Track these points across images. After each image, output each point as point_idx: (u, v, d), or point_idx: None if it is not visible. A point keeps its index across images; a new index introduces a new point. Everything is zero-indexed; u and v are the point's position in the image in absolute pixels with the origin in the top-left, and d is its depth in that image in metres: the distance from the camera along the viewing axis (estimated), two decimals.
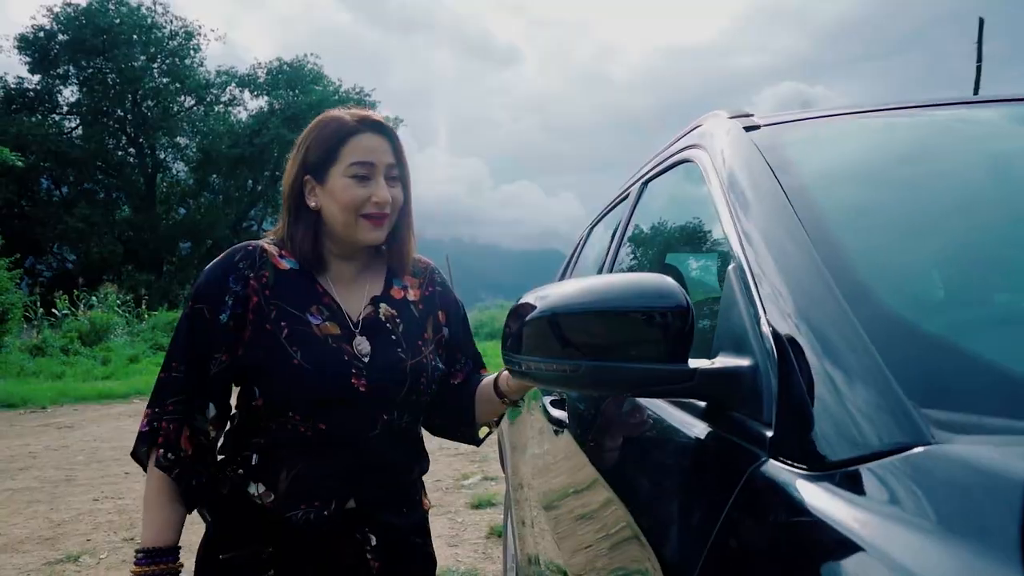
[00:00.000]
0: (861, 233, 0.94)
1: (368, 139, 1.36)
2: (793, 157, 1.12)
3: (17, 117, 30.93)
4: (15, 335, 15.42)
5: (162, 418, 1.31)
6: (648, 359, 0.84)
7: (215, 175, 35.38)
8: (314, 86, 36.29)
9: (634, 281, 0.88)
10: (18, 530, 4.48)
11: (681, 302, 0.83)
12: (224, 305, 1.33)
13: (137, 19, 32.86)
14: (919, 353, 0.71)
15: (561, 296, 0.90)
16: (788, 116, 1.35)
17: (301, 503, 1.33)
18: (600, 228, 2.54)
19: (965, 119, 1.31)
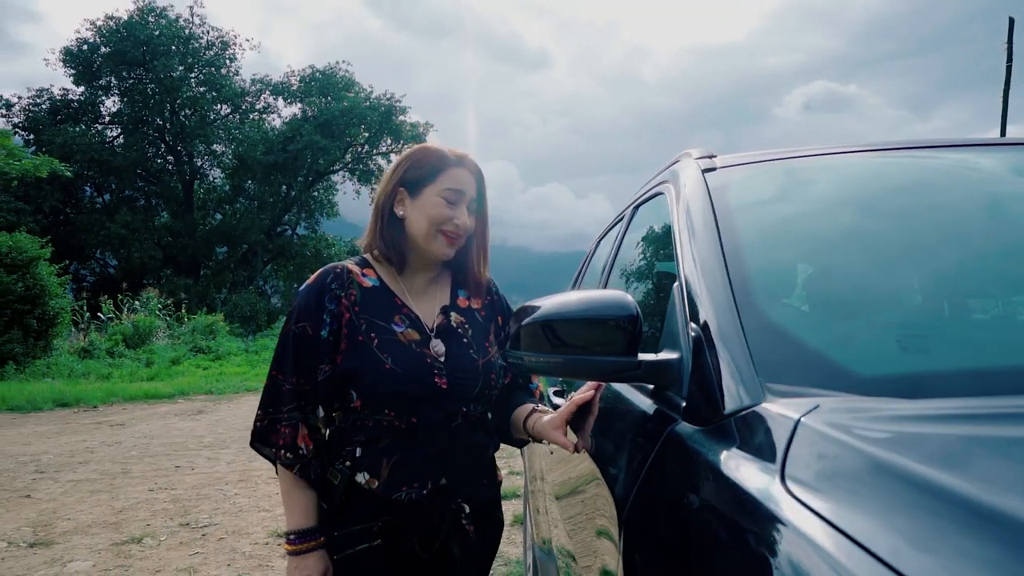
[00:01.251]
0: (763, 259, 1.25)
1: (464, 173, 1.65)
2: (733, 197, 1.44)
3: (62, 127, 31.97)
4: (64, 338, 16.12)
5: (278, 423, 1.56)
6: (609, 354, 1.17)
7: (250, 181, 36.15)
8: (346, 93, 36.89)
9: (600, 296, 1.21)
10: (84, 516, 4.90)
11: (632, 312, 1.16)
12: (323, 323, 1.56)
13: (175, 31, 33.76)
14: (771, 347, 1.02)
15: (548, 307, 1.24)
16: (745, 159, 1.66)
17: (402, 486, 1.56)
18: (605, 241, 2.87)
19: (888, 162, 1.61)
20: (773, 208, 1.47)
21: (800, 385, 0.92)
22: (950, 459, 0.71)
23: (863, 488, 0.68)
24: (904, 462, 0.68)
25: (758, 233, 1.33)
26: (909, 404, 0.84)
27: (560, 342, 1.21)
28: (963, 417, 0.81)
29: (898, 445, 0.73)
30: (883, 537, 0.60)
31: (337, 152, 36.48)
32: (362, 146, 38.48)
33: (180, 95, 34.03)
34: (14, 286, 14.19)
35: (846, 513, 0.65)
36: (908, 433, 0.76)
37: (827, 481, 0.72)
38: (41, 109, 32.80)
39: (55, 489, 5.67)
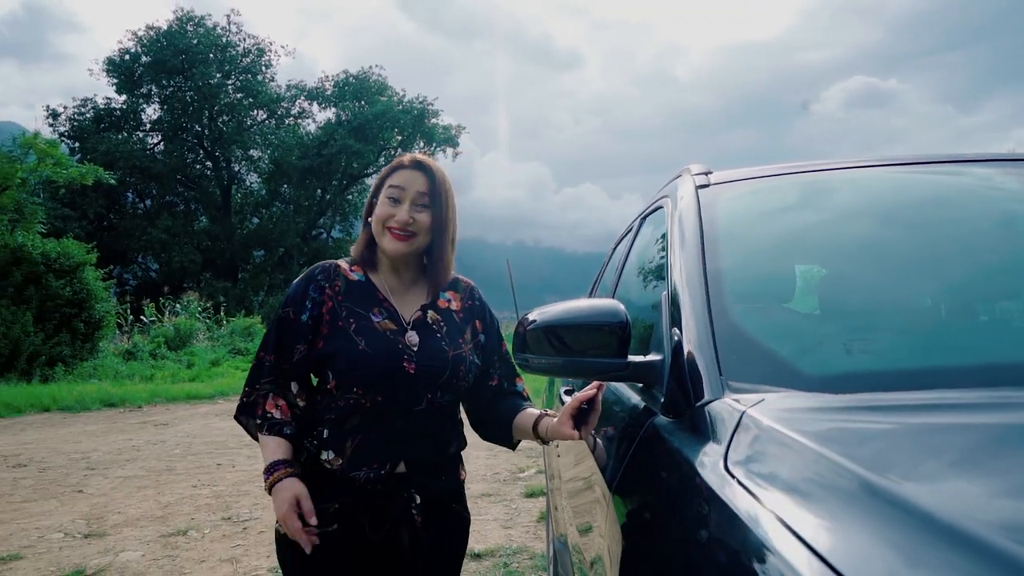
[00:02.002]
0: (740, 271, 1.40)
1: (407, 173, 1.77)
2: (721, 212, 1.58)
3: (106, 136, 32.86)
4: (109, 341, 16.65)
5: (256, 394, 1.76)
6: (602, 356, 1.33)
7: (286, 185, 36.76)
8: (379, 96, 37.32)
9: (595, 305, 1.37)
10: (132, 510, 5.17)
11: (622, 319, 1.32)
12: (304, 308, 1.75)
13: (213, 39, 34.48)
14: (736, 350, 1.17)
15: (549, 314, 1.40)
16: (739, 175, 1.80)
17: (363, 465, 1.69)
18: (619, 250, 3.02)
19: (867, 178, 1.74)
20: (756, 223, 1.62)
21: (757, 383, 1.07)
22: (862, 442, 0.85)
23: (789, 468, 0.83)
24: (822, 446, 0.82)
25: (739, 247, 1.47)
26: (841, 397, 0.99)
27: (561, 345, 1.37)
28: (884, 408, 0.95)
29: (821, 431, 0.88)
30: (799, 510, 0.74)
31: (371, 156, 36.93)
32: (395, 149, 38.88)
33: (218, 102, 34.76)
34: (62, 291, 14.72)
35: (772, 489, 0.80)
36: (832, 421, 0.91)
37: (759, 463, 0.87)
38: (85, 118, 33.73)
39: (105, 485, 5.97)
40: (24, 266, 14.54)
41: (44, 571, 3.87)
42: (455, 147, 39.52)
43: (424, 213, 1.77)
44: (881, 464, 0.76)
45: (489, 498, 5.46)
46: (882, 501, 0.69)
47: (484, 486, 5.84)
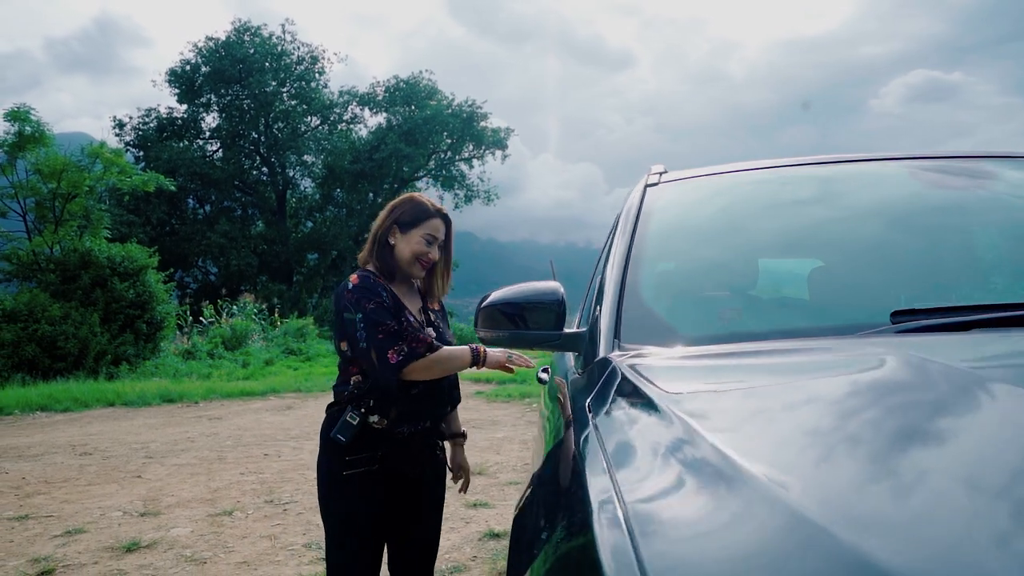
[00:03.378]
0: (657, 256, 1.64)
1: (439, 223, 2.39)
2: (657, 207, 1.83)
3: (168, 144, 34.16)
4: (170, 341, 17.44)
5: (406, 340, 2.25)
6: (543, 328, 1.59)
7: (339, 189, 37.64)
8: (428, 101, 37.93)
9: (538, 286, 1.63)
10: (185, 493, 5.59)
11: (559, 298, 1.58)
12: (383, 299, 2.24)
13: (268, 48, 35.55)
14: (633, 318, 1.42)
15: (502, 295, 1.66)
16: (688, 174, 2.04)
17: (404, 424, 2.29)
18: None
19: (793, 175, 1.95)
20: (681, 216, 1.86)
21: (646, 343, 1.32)
22: (680, 374, 1.10)
23: (621, 396, 1.08)
24: (649, 380, 1.06)
25: (661, 235, 1.72)
26: (696, 348, 1.24)
27: (512, 321, 1.64)
28: (716, 355, 1.20)
29: (656, 369, 1.13)
30: (616, 425, 0.99)
31: (421, 159, 37.55)
32: (445, 152, 39.47)
33: (273, 109, 35.80)
34: (126, 293, 15.50)
35: (604, 413, 1.05)
36: (671, 363, 1.16)
37: (606, 396, 1.12)
38: (149, 127, 35.14)
39: (161, 471, 6.42)
40: (91, 269, 15.36)
41: (104, 543, 4.27)
42: (504, 149, 39.92)
43: (439, 253, 2.43)
44: (688, 389, 1.01)
45: (515, 486, 5.73)
46: (676, 417, 0.93)
47: (513, 475, 6.11)
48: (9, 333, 13.70)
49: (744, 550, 0.54)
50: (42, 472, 6.39)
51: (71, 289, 15.13)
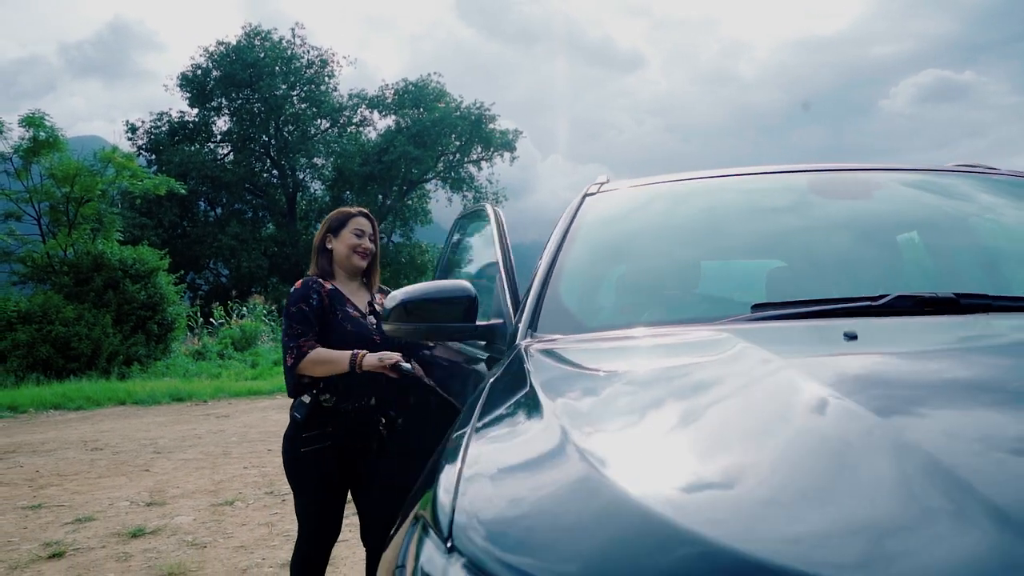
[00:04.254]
0: (578, 257, 1.86)
1: (362, 220, 2.89)
2: (589, 215, 2.04)
3: (180, 147, 34.58)
4: (180, 342, 17.76)
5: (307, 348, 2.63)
6: (455, 321, 1.78)
7: (348, 192, 37.93)
8: (437, 103, 38.18)
9: (450, 284, 1.83)
10: (190, 485, 5.85)
11: (471, 294, 1.78)
12: (311, 302, 2.67)
13: (278, 52, 35.91)
14: (549, 311, 1.63)
15: (416, 292, 1.84)
16: (626, 184, 2.26)
17: (348, 402, 2.66)
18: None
19: (718, 185, 2.16)
20: (606, 222, 2.07)
21: (555, 332, 1.53)
22: (566, 353, 1.32)
23: (515, 368, 1.30)
24: (542, 359, 1.28)
25: (582, 241, 1.93)
26: (591, 335, 1.46)
27: (423, 315, 1.79)
28: (605, 338, 1.42)
29: (550, 351, 1.35)
30: (505, 393, 1.21)
31: (430, 161, 37.81)
32: (454, 155, 39.72)
33: (283, 112, 36.15)
34: (138, 294, 15.83)
35: (500, 385, 1.27)
36: (564, 346, 1.38)
37: (511, 373, 1.34)
38: (161, 131, 35.57)
39: (168, 465, 6.69)
40: (104, 272, 15.69)
41: (111, 529, 4.53)
42: (512, 151, 40.12)
43: (371, 244, 2.90)
44: (570, 366, 1.23)
45: None
46: (546, 386, 1.16)
47: None
48: (24, 334, 14.04)
49: (546, 488, 0.76)
50: (55, 466, 6.67)
51: (84, 291, 15.46)
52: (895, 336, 1.14)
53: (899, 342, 1.12)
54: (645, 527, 0.61)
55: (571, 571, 0.59)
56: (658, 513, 0.61)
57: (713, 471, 0.70)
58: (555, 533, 0.64)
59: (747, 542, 0.56)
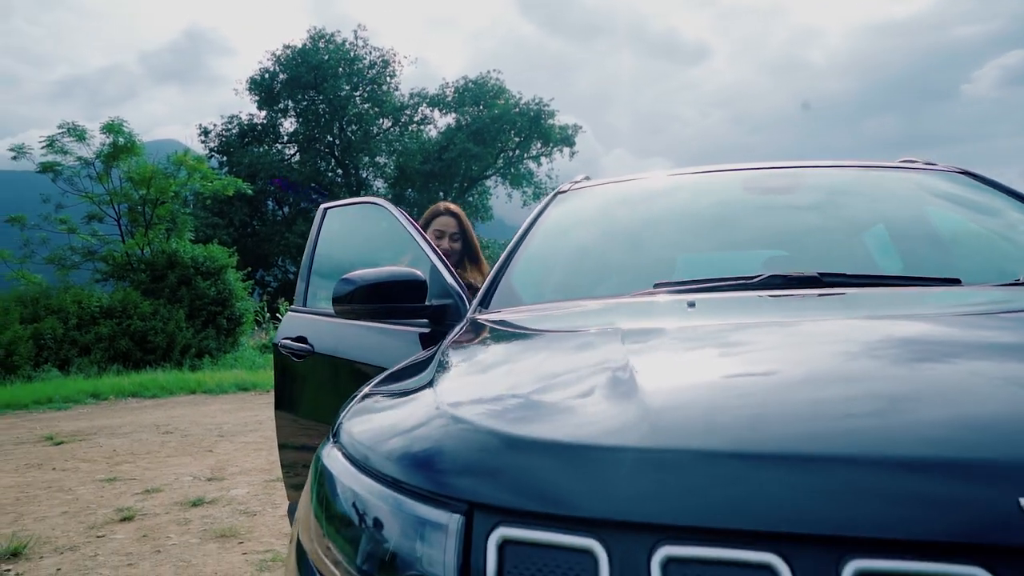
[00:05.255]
0: (537, 248, 2.14)
1: (445, 219, 3.08)
2: (555, 211, 2.32)
3: (249, 149, 35.92)
4: (248, 335, 18.62)
5: None
6: (412, 302, 2.07)
7: (410, 189, 38.73)
8: (496, 100, 38.61)
9: (398, 269, 2.12)
10: (247, 464, 6.35)
11: (420, 279, 2.05)
12: None
13: (342, 54, 36.90)
14: (501, 291, 1.92)
15: (372, 276, 2.11)
16: (596, 183, 2.53)
17: None
18: None
19: (676, 183, 2.42)
20: (566, 217, 2.33)
21: (504, 307, 1.83)
22: (514, 322, 1.62)
23: (462, 337, 1.60)
24: (479, 327, 1.59)
25: (543, 233, 2.21)
26: (529, 306, 1.74)
27: (378, 298, 2.05)
28: (539, 308, 1.70)
29: (488, 321, 1.64)
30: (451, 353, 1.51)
31: (489, 158, 38.29)
32: (513, 151, 40.10)
33: (347, 112, 37.16)
34: (208, 291, 16.70)
35: (449, 349, 1.58)
36: (500, 316, 1.68)
37: (459, 341, 1.64)
38: (232, 133, 36.99)
39: (230, 447, 7.22)
40: (177, 269, 16.61)
41: (175, 499, 5.03)
42: (571, 146, 40.27)
43: (456, 243, 3.13)
44: (503, 326, 1.53)
45: None
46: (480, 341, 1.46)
47: None
48: (106, 328, 15.01)
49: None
50: (130, 446, 7.28)
51: (159, 287, 16.40)
52: (726, 306, 1.40)
53: (725, 309, 1.38)
54: (453, 430, 0.90)
55: (385, 453, 0.90)
56: (463, 421, 0.91)
57: (516, 399, 1.00)
58: (391, 432, 0.95)
59: (530, 433, 0.85)
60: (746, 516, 0.65)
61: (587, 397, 0.91)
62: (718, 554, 0.64)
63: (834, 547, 0.61)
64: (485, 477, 0.77)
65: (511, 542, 0.71)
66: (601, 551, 0.67)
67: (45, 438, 7.74)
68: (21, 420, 9.28)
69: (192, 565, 3.60)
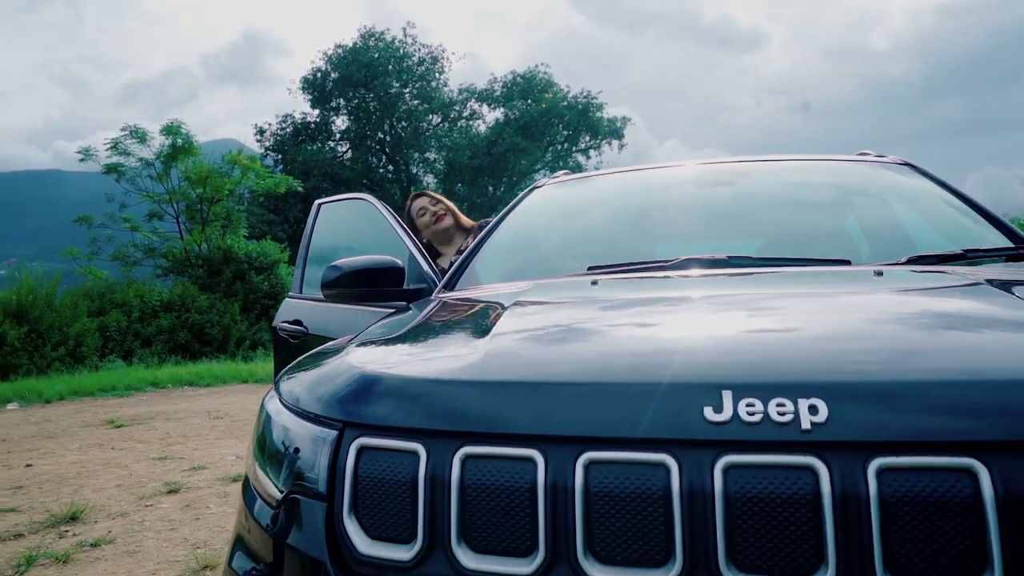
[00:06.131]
0: (503, 237, 2.38)
1: (416, 202, 3.49)
2: (527, 203, 2.56)
3: (303, 147, 36.83)
4: None
5: None
6: (391, 286, 2.33)
7: (459, 184, 39.19)
8: (544, 94, 38.77)
9: (379, 258, 2.36)
10: None
11: (399, 266, 2.30)
12: None
13: (391, 51, 37.50)
14: (468, 274, 2.17)
15: (356, 264, 2.37)
16: (572, 177, 2.77)
17: None
18: None
19: (641, 177, 2.63)
20: (534, 209, 2.55)
21: (461, 288, 2.08)
22: (466, 296, 1.87)
23: (428, 310, 1.86)
24: (448, 300, 1.84)
25: (510, 223, 2.44)
26: (493, 284, 1.99)
27: (367, 281, 2.31)
28: (490, 289, 1.95)
29: (455, 298, 1.90)
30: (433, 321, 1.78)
31: (538, 152, 38.48)
32: (562, 144, 40.23)
33: (397, 109, 37.77)
34: (261, 285, 17.35)
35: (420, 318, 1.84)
36: (465, 294, 1.93)
37: (435, 313, 1.90)
38: (286, 132, 37.96)
39: None
40: (232, 265, 17.31)
41: (218, 475, 5.43)
42: (620, 139, 40.21)
43: (433, 216, 3.57)
44: (458, 301, 1.78)
45: None
46: (438, 311, 1.72)
47: None
48: (166, 321, 15.76)
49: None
50: (182, 430, 7.77)
51: (216, 282, 17.12)
52: (626, 283, 1.62)
53: (622, 286, 1.60)
54: (343, 373, 1.15)
55: (301, 393, 1.17)
56: (352, 367, 1.17)
57: (398, 350, 1.25)
58: (310, 380, 1.22)
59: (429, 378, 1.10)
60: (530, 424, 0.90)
61: (442, 349, 1.18)
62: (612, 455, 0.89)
63: (711, 448, 0.82)
64: (354, 405, 1.03)
65: (366, 448, 0.97)
66: (423, 451, 0.93)
67: (107, 422, 8.30)
68: (87, 406, 9.93)
69: (226, 530, 3.96)
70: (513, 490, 0.87)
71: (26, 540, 3.73)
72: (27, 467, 5.78)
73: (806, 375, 0.86)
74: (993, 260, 1.74)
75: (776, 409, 0.82)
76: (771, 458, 0.80)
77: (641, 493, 0.83)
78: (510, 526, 0.87)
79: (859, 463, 0.79)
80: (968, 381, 0.82)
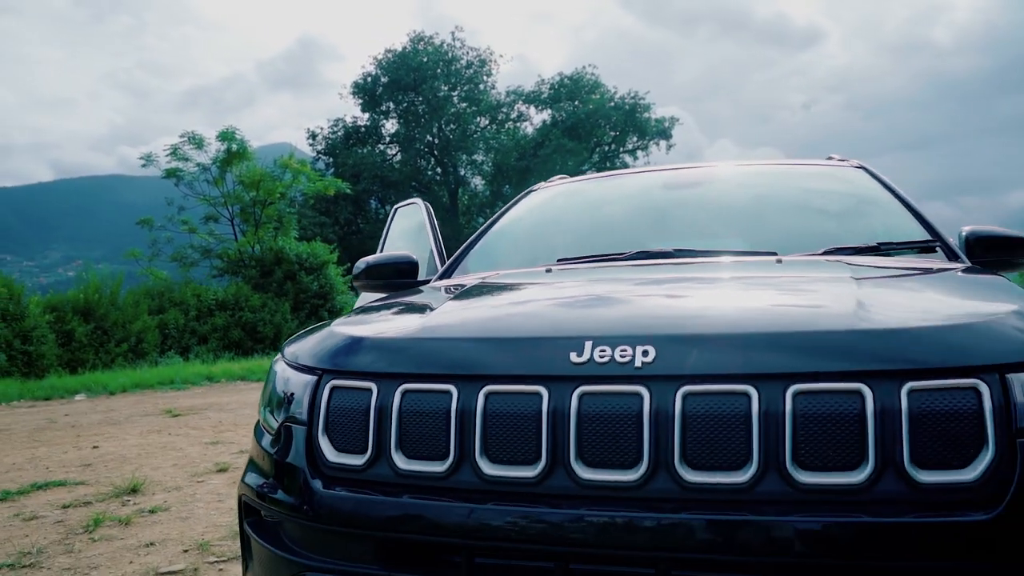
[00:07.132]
0: (498, 234, 2.70)
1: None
2: (522, 205, 2.87)
3: (353, 150, 37.67)
4: None
5: None
6: (406, 277, 2.67)
7: (507, 186, 39.56)
8: (591, 96, 38.92)
9: (399, 254, 2.70)
10: None
11: (413, 261, 2.64)
12: None
13: (440, 55, 38.10)
14: (464, 265, 2.49)
15: (380, 258, 2.72)
16: (569, 180, 3.07)
17: None
18: None
19: (630, 181, 2.93)
20: (524, 211, 2.86)
21: (459, 275, 2.40)
22: (460, 282, 2.20)
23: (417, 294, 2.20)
24: (435, 288, 2.17)
25: (504, 222, 2.76)
26: (478, 273, 2.31)
27: (384, 273, 2.66)
28: (472, 277, 2.27)
29: (448, 285, 2.23)
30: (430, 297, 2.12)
31: (584, 153, 38.63)
32: (609, 145, 40.33)
33: (445, 112, 38.35)
34: (311, 285, 17.98)
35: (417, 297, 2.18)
36: (452, 281, 2.26)
37: (433, 296, 2.23)
38: (337, 136, 38.89)
39: None
40: (283, 265, 17.98)
41: (232, 451, 5.86)
42: (668, 139, 40.11)
43: None
44: (447, 286, 2.12)
45: None
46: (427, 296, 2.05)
47: None
48: (221, 319, 16.48)
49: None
50: (234, 419, 8.29)
51: (268, 282, 17.81)
52: (578, 272, 1.92)
53: (573, 273, 1.90)
54: (327, 337, 1.50)
55: (296, 352, 1.52)
56: (334, 332, 1.51)
57: (371, 319, 1.59)
58: (307, 343, 1.57)
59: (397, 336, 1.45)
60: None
61: (401, 318, 1.53)
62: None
63: (572, 381, 1.14)
64: (330, 357, 1.38)
65: (336, 388, 1.31)
66: (375, 388, 1.26)
67: (165, 411, 8.89)
68: (147, 397, 10.58)
69: None
70: (436, 413, 1.20)
71: (94, 507, 4.19)
72: (94, 448, 6.33)
73: (643, 329, 1.17)
74: (904, 252, 2.00)
75: (619, 353, 1.14)
76: (611, 388, 1.12)
77: (523, 414, 1.15)
78: (433, 439, 1.20)
79: (672, 390, 1.10)
80: (742, 335, 1.13)
